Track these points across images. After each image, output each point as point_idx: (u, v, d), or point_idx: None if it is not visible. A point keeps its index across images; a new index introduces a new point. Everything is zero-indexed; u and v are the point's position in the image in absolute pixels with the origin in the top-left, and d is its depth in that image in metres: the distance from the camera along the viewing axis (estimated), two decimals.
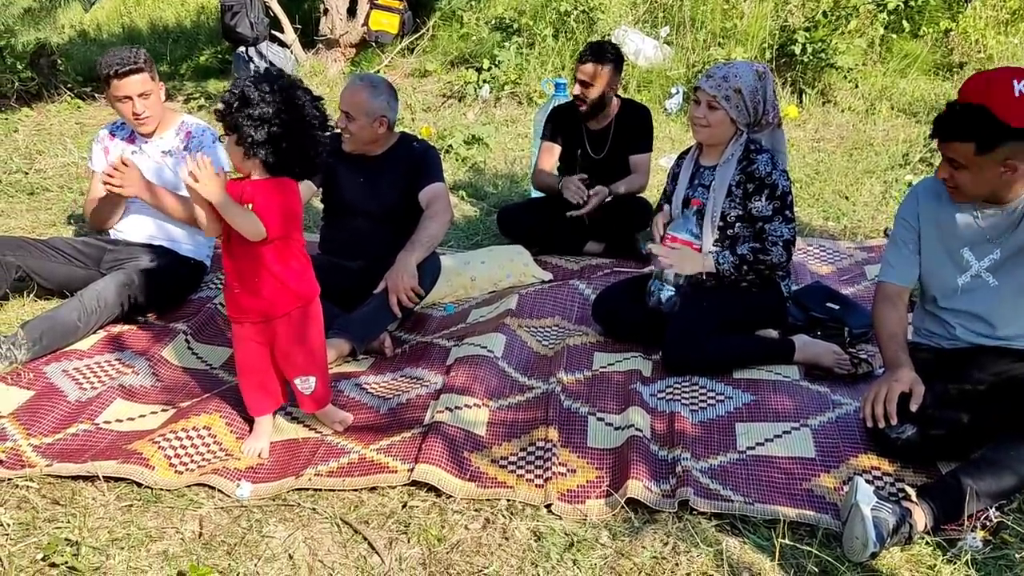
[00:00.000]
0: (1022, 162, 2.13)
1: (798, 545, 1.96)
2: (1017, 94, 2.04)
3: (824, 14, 6.07)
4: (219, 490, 2.22)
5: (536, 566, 1.95)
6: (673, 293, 2.86)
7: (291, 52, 7.20)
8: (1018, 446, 1.99)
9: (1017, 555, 1.92)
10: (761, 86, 2.79)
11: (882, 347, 2.37)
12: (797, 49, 5.92)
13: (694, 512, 2.09)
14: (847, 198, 4.45)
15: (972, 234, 2.28)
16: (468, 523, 2.10)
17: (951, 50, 6.69)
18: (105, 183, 3.06)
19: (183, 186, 3.18)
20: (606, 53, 3.68)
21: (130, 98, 3.12)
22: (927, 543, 1.96)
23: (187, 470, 2.30)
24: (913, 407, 2.16)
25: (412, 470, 2.23)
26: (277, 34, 7.16)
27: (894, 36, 6.51)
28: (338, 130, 3.16)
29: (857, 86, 6.08)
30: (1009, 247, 2.24)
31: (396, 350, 3.02)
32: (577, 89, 3.72)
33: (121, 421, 2.53)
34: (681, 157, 3.06)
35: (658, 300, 2.88)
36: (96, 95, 6.88)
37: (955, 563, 1.90)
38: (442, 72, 6.97)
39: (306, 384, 2.36)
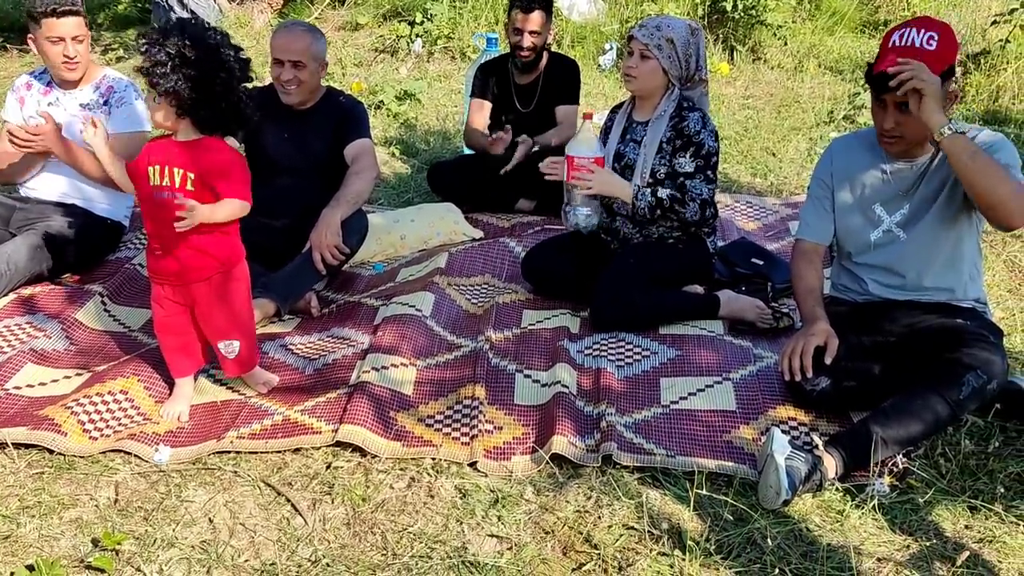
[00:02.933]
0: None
1: (715, 495, 2.01)
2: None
3: None
4: (136, 456, 2.17)
5: (461, 523, 1.97)
6: (588, 211, 2.83)
7: (214, 1, 6.91)
8: (924, 395, 2.07)
9: (922, 499, 2.00)
10: (693, 41, 2.79)
11: (799, 302, 2.42)
12: (729, 6, 5.93)
13: (617, 466, 2.12)
14: (774, 155, 4.52)
15: (883, 189, 2.34)
16: (393, 482, 2.10)
17: (877, 7, 6.80)
18: (12, 141, 2.90)
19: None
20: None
21: (63, 39, 3.00)
22: (837, 489, 2.04)
23: (102, 436, 2.23)
24: (827, 360, 2.22)
25: (336, 431, 2.22)
26: None
27: None
28: (267, 82, 3.07)
29: (786, 43, 6.14)
30: (917, 200, 2.29)
31: (323, 310, 2.97)
32: (526, 40, 3.64)
33: (32, 386, 2.44)
34: (614, 112, 3.05)
35: (573, 222, 2.86)
36: (7, 46, 6.50)
37: (863, 508, 1.97)
38: (374, 25, 6.79)
39: (230, 348, 2.30)
